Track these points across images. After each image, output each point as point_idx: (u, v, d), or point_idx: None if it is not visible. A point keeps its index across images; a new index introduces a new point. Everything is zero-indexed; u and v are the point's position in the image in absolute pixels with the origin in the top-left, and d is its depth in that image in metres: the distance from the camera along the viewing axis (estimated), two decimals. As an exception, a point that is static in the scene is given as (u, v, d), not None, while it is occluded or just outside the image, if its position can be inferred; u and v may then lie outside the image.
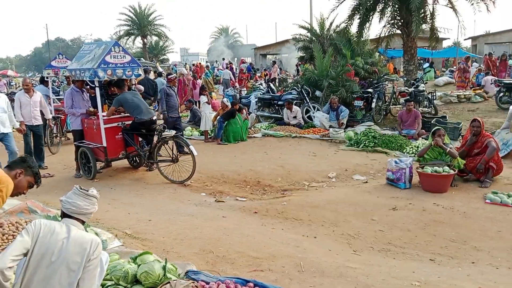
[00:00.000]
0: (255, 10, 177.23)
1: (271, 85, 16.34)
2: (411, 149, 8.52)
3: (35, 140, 8.10)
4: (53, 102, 10.98)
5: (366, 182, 6.97)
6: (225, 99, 11.37)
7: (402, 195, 5.89)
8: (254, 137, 10.89)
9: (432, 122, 9.69)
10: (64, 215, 2.67)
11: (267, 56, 37.80)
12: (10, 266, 2.33)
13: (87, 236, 2.57)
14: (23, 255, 2.40)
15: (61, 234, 2.48)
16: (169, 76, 10.03)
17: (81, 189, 2.71)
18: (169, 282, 2.58)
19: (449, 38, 42.05)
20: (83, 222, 2.69)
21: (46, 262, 2.40)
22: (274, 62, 26.89)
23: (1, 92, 7.55)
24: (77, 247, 2.46)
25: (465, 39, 39.79)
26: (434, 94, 13.05)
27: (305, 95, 12.43)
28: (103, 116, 7.16)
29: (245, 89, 19.75)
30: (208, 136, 10.84)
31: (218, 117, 10.65)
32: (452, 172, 5.99)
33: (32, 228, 2.46)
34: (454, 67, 22.62)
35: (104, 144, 7.10)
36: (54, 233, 2.47)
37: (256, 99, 13.54)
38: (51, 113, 10.21)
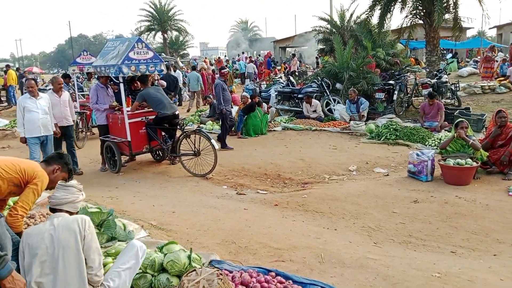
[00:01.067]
0: (274, 2, 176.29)
1: (291, 78, 16.33)
2: (434, 141, 8.43)
3: (66, 142, 7.55)
4: (78, 98, 11.28)
5: (387, 175, 6.95)
6: (244, 93, 11.43)
7: (424, 188, 5.86)
8: (274, 130, 10.95)
9: (455, 114, 9.55)
10: (51, 210, 2.84)
11: (287, 49, 37.66)
12: None
13: (70, 218, 2.70)
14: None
15: (46, 230, 2.63)
16: (223, 71, 9.83)
17: (60, 183, 2.90)
18: (194, 270, 2.69)
19: (473, 28, 40.98)
20: (71, 214, 2.82)
21: (46, 258, 2.56)
22: (294, 55, 26.79)
23: (42, 92, 6.99)
24: (66, 231, 2.60)
25: (490, 28, 38.64)
26: (457, 85, 12.81)
27: (325, 87, 12.37)
28: (127, 111, 7.35)
29: (264, 83, 19.79)
30: (229, 130, 10.92)
31: (238, 111, 10.74)
32: (474, 164, 5.93)
33: (22, 246, 2.63)
34: (478, 57, 22.08)
35: (129, 139, 7.30)
36: (39, 233, 2.62)
37: (276, 93, 13.57)
38: (76, 109, 10.53)
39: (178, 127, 7.52)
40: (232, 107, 11.00)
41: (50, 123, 6.76)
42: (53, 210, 2.82)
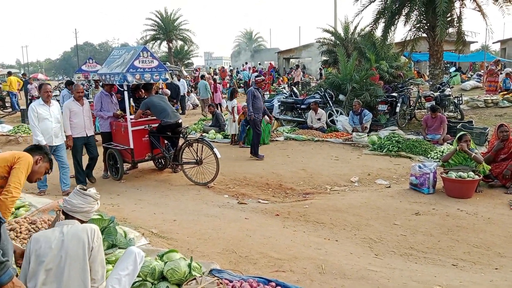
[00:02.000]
0: (279, 14, 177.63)
1: (294, 89, 16.40)
2: (436, 154, 8.42)
3: (91, 152, 7.30)
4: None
5: (389, 186, 6.94)
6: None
7: (425, 200, 5.85)
8: (276, 140, 10.96)
9: (457, 127, 9.56)
10: (63, 214, 2.83)
11: (290, 60, 37.83)
12: None
13: (80, 227, 2.67)
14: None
15: (55, 238, 2.60)
16: (257, 78, 9.61)
17: (80, 189, 2.85)
18: (195, 278, 2.69)
19: (476, 42, 41.11)
20: (81, 222, 2.80)
21: (52, 266, 2.53)
22: (297, 66, 26.93)
23: (53, 100, 6.71)
24: (75, 240, 2.58)
25: (493, 42, 38.81)
26: (460, 98, 12.84)
27: (328, 99, 12.41)
28: (131, 119, 7.39)
29: (268, 93, 19.86)
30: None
31: (241, 120, 10.76)
32: (477, 177, 5.92)
33: (28, 251, 2.59)
34: (482, 71, 22.12)
35: (131, 146, 7.33)
36: (48, 241, 2.59)
37: (279, 103, 13.61)
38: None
39: (181, 135, 7.55)
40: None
41: (61, 131, 6.62)
42: (65, 215, 2.81)
